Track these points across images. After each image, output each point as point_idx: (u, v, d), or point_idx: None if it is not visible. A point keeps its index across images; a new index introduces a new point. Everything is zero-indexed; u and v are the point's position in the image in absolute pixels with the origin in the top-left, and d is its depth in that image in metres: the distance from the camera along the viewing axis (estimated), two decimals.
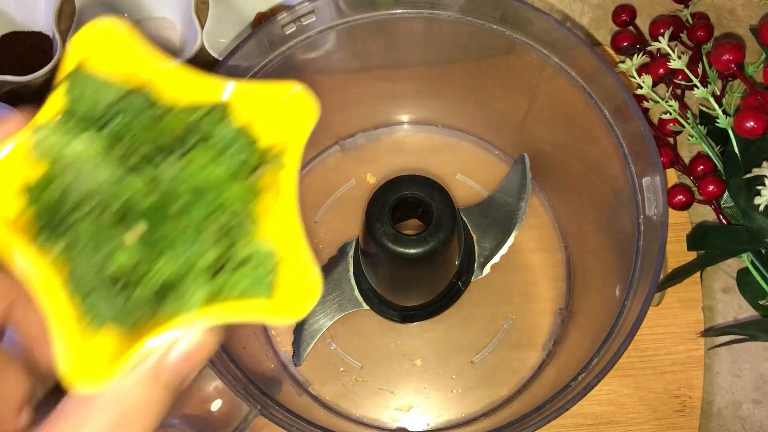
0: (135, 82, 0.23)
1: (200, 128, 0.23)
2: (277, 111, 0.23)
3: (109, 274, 0.21)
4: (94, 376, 0.19)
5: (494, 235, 0.51)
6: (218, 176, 0.22)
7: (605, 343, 0.36)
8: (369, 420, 0.50)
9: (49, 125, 0.22)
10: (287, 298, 0.21)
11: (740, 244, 0.50)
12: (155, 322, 0.20)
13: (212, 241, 0.21)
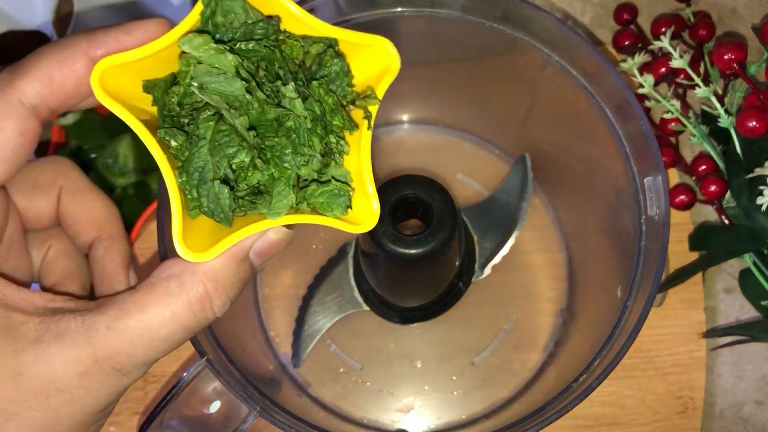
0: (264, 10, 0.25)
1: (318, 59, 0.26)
2: (367, 59, 0.26)
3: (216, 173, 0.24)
4: (196, 252, 0.24)
5: (495, 235, 0.51)
6: (329, 105, 0.26)
7: (607, 344, 0.36)
8: (369, 421, 0.50)
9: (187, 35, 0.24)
10: (354, 217, 0.27)
11: (742, 245, 0.49)
12: (249, 218, 0.25)
13: (310, 159, 0.25)
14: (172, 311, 0.24)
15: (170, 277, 0.25)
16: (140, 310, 0.24)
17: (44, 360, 0.23)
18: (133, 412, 0.51)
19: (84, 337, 0.24)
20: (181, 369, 0.52)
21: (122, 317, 0.24)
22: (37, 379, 0.23)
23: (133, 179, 0.50)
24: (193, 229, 0.25)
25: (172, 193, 0.24)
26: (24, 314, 0.24)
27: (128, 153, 0.50)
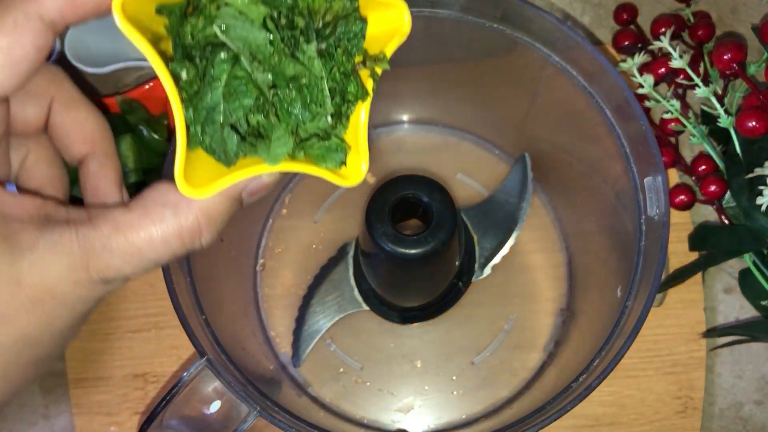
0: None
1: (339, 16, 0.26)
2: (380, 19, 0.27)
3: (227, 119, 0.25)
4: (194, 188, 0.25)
5: (495, 235, 0.51)
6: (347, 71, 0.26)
7: (607, 344, 0.36)
8: (369, 421, 0.50)
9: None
10: (343, 172, 0.27)
11: (742, 245, 0.49)
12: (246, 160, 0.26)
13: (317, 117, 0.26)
14: (163, 238, 0.26)
15: (166, 205, 0.26)
16: (134, 231, 0.26)
17: (40, 268, 0.25)
18: (134, 412, 0.51)
19: (79, 249, 0.25)
20: (182, 369, 0.52)
21: (115, 236, 0.26)
22: (33, 286, 0.25)
23: (134, 179, 0.50)
24: (192, 163, 0.25)
25: (180, 126, 0.24)
26: (20, 222, 0.25)
27: (128, 153, 0.50)
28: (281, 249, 0.53)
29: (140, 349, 0.52)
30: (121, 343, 0.53)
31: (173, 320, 0.35)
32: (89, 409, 0.52)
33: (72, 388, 0.52)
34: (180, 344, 0.52)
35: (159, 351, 0.52)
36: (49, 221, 0.26)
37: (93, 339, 0.53)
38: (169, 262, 0.28)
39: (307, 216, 0.54)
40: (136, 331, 0.53)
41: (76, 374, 0.52)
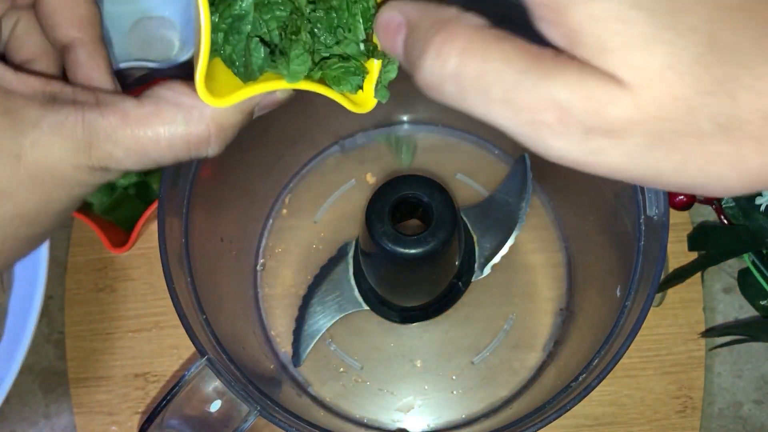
0: None
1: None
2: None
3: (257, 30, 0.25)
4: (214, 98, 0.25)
5: (495, 235, 0.51)
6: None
7: (606, 343, 0.36)
8: (369, 421, 0.50)
9: None
10: (358, 99, 0.27)
11: (741, 245, 0.50)
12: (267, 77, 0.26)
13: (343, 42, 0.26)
14: (170, 141, 0.26)
15: (178, 107, 0.26)
16: (141, 127, 0.25)
17: (42, 147, 0.24)
18: (134, 412, 0.52)
19: (83, 134, 0.25)
20: (182, 368, 0.52)
21: (122, 128, 0.25)
22: (34, 164, 0.24)
23: (134, 179, 0.50)
24: (210, 72, 0.25)
25: (205, 29, 0.24)
26: (24, 98, 0.25)
27: None
28: (281, 249, 0.54)
29: (141, 349, 0.53)
30: (121, 343, 0.53)
31: (174, 320, 0.35)
32: (90, 408, 0.52)
33: (73, 388, 0.52)
34: (180, 344, 0.52)
35: (159, 350, 0.52)
36: (55, 100, 0.25)
37: (94, 338, 0.53)
38: (171, 164, 0.27)
39: (307, 216, 0.54)
40: (137, 330, 0.53)
41: (76, 374, 0.52)
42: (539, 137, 0.19)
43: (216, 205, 0.45)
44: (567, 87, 0.18)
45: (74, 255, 0.54)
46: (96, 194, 0.50)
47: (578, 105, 0.18)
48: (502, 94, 0.19)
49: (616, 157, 0.19)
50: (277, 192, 0.54)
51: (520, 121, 0.19)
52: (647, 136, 0.18)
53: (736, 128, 0.18)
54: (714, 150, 0.18)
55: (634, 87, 0.18)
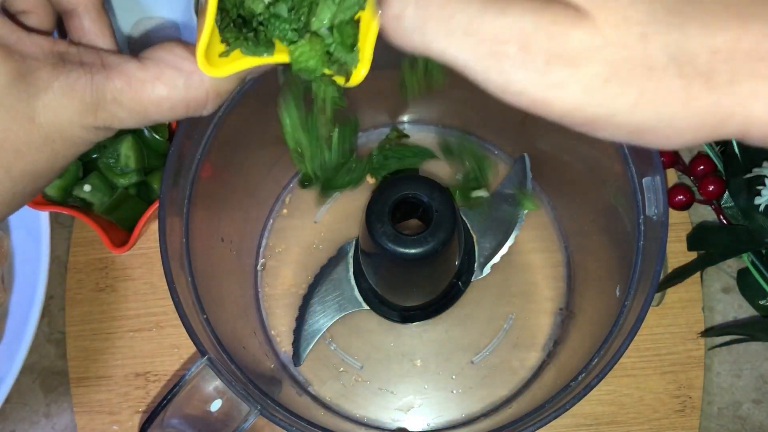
0: None
1: None
2: None
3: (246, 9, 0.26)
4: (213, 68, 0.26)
5: (494, 235, 0.51)
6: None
7: (605, 343, 0.36)
8: (369, 420, 0.50)
9: None
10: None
11: (740, 244, 0.50)
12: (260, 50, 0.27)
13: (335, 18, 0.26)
14: (171, 105, 0.27)
15: (179, 72, 0.27)
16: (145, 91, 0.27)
17: (54, 109, 0.26)
18: (135, 411, 0.52)
19: (91, 97, 0.26)
20: (183, 368, 0.52)
21: (128, 90, 0.27)
22: (46, 125, 0.26)
23: (135, 179, 0.50)
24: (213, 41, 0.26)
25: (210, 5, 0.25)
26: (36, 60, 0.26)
27: (130, 153, 0.50)
28: (282, 248, 0.54)
29: (141, 348, 0.53)
30: (122, 342, 0.53)
31: (174, 319, 0.36)
32: (90, 408, 0.52)
33: (73, 387, 0.52)
34: (181, 343, 0.52)
35: (160, 350, 0.53)
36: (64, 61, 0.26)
37: (94, 338, 0.53)
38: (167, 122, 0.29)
39: (308, 216, 0.54)
40: (138, 330, 0.53)
41: (77, 373, 0.52)
42: (500, 71, 0.19)
43: (216, 205, 0.45)
44: (530, 15, 0.19)
45: (75, 255, 0.54)
46: (97, 194, 0.50)
47: (541, 33, 0.19)
48: (466, 22, 0.19)
49: (574, 90, 0.19)
50: (278, 192, 0.54)
51: (481, 53, 0.19)
52: (605, 65, 0.18)
53: (686, 62, 0.18)
54: (666, 85, 0.18)
55: (593, 12, 0.18)
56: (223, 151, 0.42)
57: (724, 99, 0.18)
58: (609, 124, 0.20)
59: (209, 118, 0.39)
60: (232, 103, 0.40)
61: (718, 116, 0.19)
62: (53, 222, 0.54)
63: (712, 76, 0.18)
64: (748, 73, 0.18)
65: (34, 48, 0.26)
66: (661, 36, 0.18)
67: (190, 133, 0.39)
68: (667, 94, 0.18)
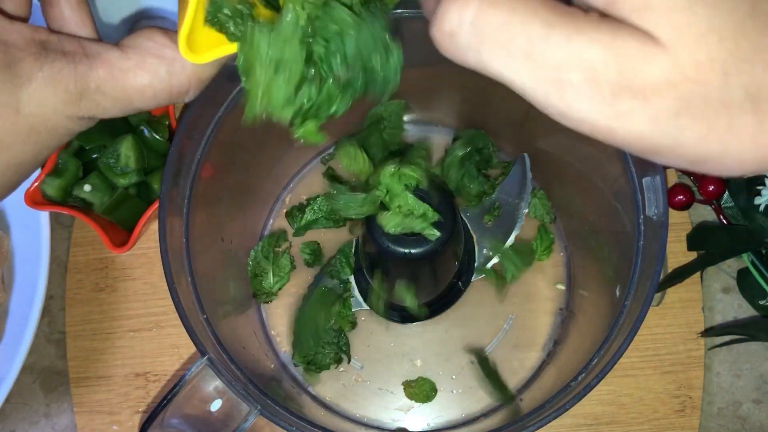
0: None
1: None
2: None
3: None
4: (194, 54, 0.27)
5: (495, 235, 0.51)
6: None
7: (605, 343, 0.36)
8: (369, 420, 0.50)
9: None
10: None
11: (740, 244, 0.50)
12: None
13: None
14: (154, 92, 0.27)
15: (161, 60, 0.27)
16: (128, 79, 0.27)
17: (38, 100, 0.26)
18: (135, 411, 0.52)
19: (75, 87, 0.26)
20: (183, 368, 0.52)
21: (111, 80, 0.27)
22: (30, 116, 0.26)
23: (135, 179, 0.50)
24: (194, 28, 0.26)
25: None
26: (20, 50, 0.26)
27: (130, 153, 0.50)
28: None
29: (141, 348, 0.53)
30: (122, 343, 0.53)
31: (174, 319, 0.36)
32: (90, 408, 0.52)
33: (73, 387, 0.52)
34: (181, 343, 0.53)
35: (160, 350, 0.53)
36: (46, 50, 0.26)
37: (94, 338, 0.53)
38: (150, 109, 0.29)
39: None
40: (138, 330, 0.53)
41: (77, 373, 0.52)
42: (561, 97, 0.18)
43: (216, 205, 0.45)
44: (599, 44, 0.17)
45: (75, 255, 0.54)
46: (97, 194, 0.50)
47: (611, 63, 0.17)
48: (526, 47, 0.18)
49: (640, 121, 0.18)
50: (277, 192, 0.54)
51: (542, 78, 0.18)
52: (678, 101, 0.18)
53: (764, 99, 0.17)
54: (739, 121, 0.18)
55: (673, 47, 0.17)
56: (223, 151, 0.42)
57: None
58: (672, 154, 0.19)
59: (209, 118, 0.40)
60: (232, 103, 0.40)
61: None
62: (53, 222, 0.54)
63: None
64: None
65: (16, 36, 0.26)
66: (744, 75, 0.17)
67: (190, 133, 0.39)
68: (738, 129, 0.18)
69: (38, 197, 0.50)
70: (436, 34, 0.20)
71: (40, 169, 0.50)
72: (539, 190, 0.51)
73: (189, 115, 0.38)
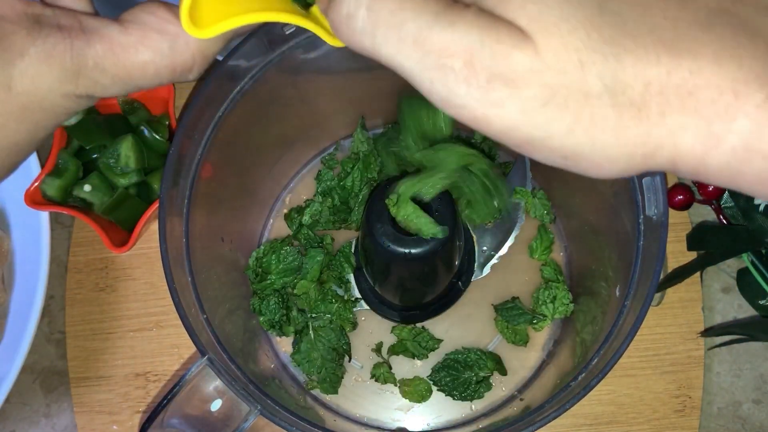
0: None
1: None
2: None
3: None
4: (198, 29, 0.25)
5: (494, 235, 0.51)
6: None
7: (605, 343, 0.36)
8: (369, 420, 0.50)
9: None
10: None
11: (740, 244, 0.50)
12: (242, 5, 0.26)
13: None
14: (156, 69, 0.26)
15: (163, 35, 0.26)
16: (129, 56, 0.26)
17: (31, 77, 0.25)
18: (135, 411, 0.52)
19: (71, 63, 0.25)
20: (183, 368, 0.52)
21: (110, 56, 0.26)
22: (24, 94, 0.25)
23: (135, 179, 0.50)
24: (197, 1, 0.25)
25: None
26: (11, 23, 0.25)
27: (130, 153, 0.50)
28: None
29: (141, 348, 0.53)
30: (122, 342, 0.53)
31: (174, 319, 0.36)
32: (91, 408, 0.52)
33: (73, 387, 0.52)
34: (181, 343, 0.53)
35: (160, 350, 0.53)
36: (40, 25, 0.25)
37: (94, 338, 0.53)
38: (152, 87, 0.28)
39: None
40: (138, 330, 0.53)
41: (77, 373, 0.53)
42: (444, 83, 0.19)
43: (216, 205, 0.45)
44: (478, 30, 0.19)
45: (75, 255, 0.54)
46: (97, 194, 0.50)
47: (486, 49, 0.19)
48: (415, 32, 0.19)
49: (512, 110, 0.19)
50: (277, 192, 0.54)
51: (428, 64, 0.19)
52: (543, 89, 0.19)
53: (620, 92, 0.18)
54: (600, 113, 0.19)
55: (535, 36, 0.19)
56: (223, 151, 0.42)
57: (655, 130, 0.19)
58: (544, 147, 0.20)
59: (209, 118, 0.40)
60: (232, 103, 0.40)
61: (648, 147, 0.19)
62: (53, 222, 0.54)
63: (643, 108, 0.19)
64: (677, 107, 0.18)
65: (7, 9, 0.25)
66: (598, 65, 0.18)
67: (190, 133, 0.39)
68: (600, 122, 0.19)
69: (38, 197, 0.50)
70: (334, 17, 0.21)
71: (40, 169, 0.50)
72: (539, 190, 0.51)
73: (189, 115, 0.38)
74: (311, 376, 0.49)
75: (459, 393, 0.48)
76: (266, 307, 0.48)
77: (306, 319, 0.49)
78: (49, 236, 0.50)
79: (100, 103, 0.52)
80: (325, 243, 0.50)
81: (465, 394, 0.48)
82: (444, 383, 0.49)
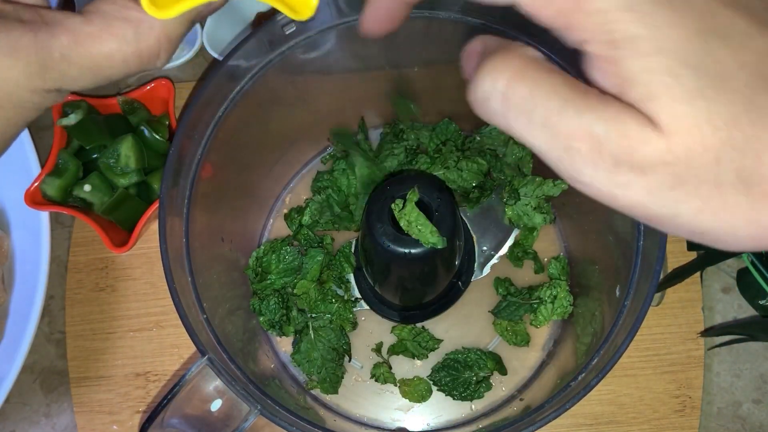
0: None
1: None
2: None
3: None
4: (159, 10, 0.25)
5: (494, 235, 0.51)
6: None
7: (605, 343, 0.36)
8: (369, 420, 0.50)
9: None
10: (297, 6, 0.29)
11: None
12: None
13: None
14: (123, 57, 0.26)
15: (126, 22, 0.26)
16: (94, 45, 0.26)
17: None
18: (135, 411, 0.52)
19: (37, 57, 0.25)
20: (183, 368, 0.52)
21: (75, 47, 0.25)
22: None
23: (135, 179, 0.50)
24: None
25: None
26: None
27: (130, 153, 0.50)
28: None
29: (142, 348, 0.53)
30: (122, 342, 0.53)
31: (174, 319, 0.36)
32: (91, 407, 0.52)
33: (74, 387, 0.52)
34: (181, 343, 0.53)
35: (160, 350, 0.53)
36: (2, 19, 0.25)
37: (94, 338, 0.53)
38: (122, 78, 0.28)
39: None
40: (138, 330, 0.53)
41: (77, 373, 0.53)
42: (571, 164, 0.20)
43: (216, 204, 0.45)
44: (605, 122, 0.19)
45: (75, 255, 0.54)
46: (97, 194, 0.50)
47: (613, 139, 0.19)
48: (544, 117, 0.20)
49: (638, 191, 0.20)
50: (277, 192, 0.54)
51: (556, 145, 0.20)
52: (672, 176, 0.19)
53: (756, 184, 0.19)
54: (732, 200, 0.19)
55: (670, 132, 0.19)
56: (223, 151, 0.42)
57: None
58: (672, 224, 0.20)
59: (209, 118, 0.40)
60: (232, 103, 0.40)
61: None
62: (53, 222, 0.54)
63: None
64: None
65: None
66: (736, 163, 0.19)
67: (190, 133, 0.39)
68: (731, 208, 0.19)
69: (38, 197, 0.50)
70: (472, 98, 0.22)
71: (40, 169, 0.50)
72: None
73: (189, 115, 0.38)
74: (311, 376, 0.49)
75: (459, 393, 0.48)
76: (266, 307, 0.48)
77: (306, 319, 0.49)
78: (49, 236, 0.50)
79: (100, 103, 0.52)
80: (325, 243, 0.50)
81: (465, 394, 0.48)
82: (444, 383, 0.49)
